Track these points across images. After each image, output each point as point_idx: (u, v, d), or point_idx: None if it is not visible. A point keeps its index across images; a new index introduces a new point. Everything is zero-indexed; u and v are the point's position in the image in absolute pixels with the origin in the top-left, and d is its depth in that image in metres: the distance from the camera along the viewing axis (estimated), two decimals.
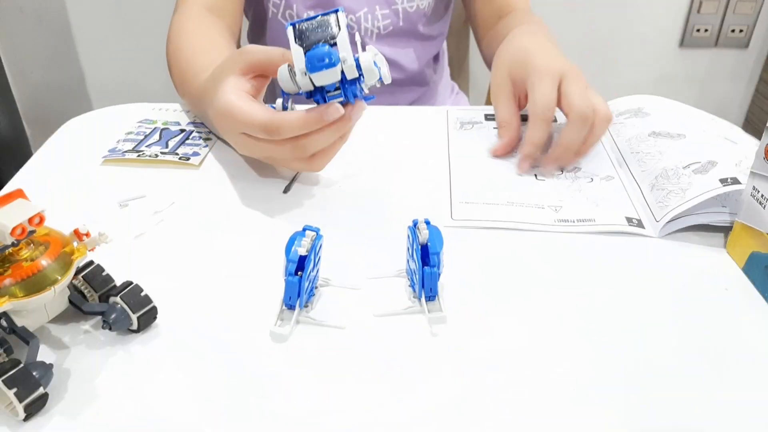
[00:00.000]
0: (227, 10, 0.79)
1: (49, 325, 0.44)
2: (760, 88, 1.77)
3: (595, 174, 0.61)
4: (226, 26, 0.77)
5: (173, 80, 0.73)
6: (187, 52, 0.70)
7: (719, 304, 0.47)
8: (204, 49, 0.70)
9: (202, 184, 0.61)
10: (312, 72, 0.48)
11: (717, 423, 0.38)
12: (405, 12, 0.88)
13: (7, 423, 0.38)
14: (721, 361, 0.42)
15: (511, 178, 0.61)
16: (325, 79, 0.49)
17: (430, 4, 0.89)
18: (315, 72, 0.48)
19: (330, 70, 0.48)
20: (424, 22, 0.91)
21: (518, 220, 0.55)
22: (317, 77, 0.49)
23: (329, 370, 0.41)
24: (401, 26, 0.89)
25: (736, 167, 0.54)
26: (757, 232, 0.48)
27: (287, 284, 0.44)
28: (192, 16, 0.75)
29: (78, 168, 0.63)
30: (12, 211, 0.38)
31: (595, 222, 0.54)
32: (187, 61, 0.69)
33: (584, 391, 0.40)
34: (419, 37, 0.91)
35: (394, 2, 0.87)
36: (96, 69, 1.72)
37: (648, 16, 1.67)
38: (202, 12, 0.76)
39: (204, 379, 0.40)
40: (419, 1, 0.87)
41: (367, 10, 0.86)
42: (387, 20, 0.87)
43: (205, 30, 0.74)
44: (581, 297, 0.47)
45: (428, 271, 0.44)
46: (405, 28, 0.89)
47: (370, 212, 0.57)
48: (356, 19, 0.85)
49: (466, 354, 0.42)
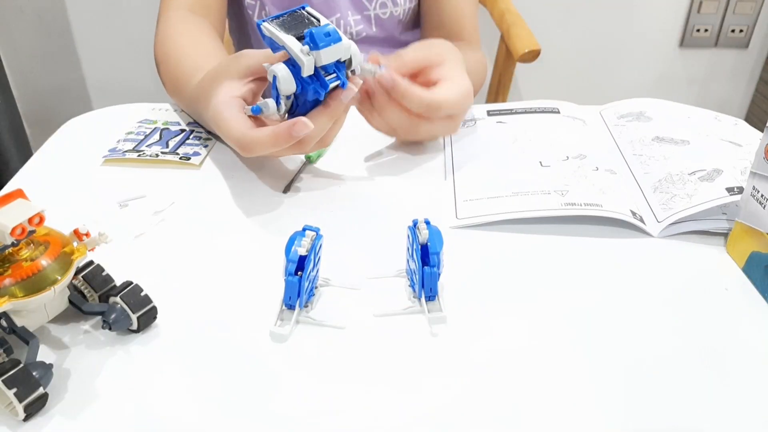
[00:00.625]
0: (212, 8, 0.80)
1: (49, 325, 0.44)
2: (760, 88, 1.77)
3: (600, 165, 0.61)
4: (210, 24, 0.77)
5: (164, 84, 0.73)
6: (176, 56, 0.71)
7: (719, 304, 0.47)
8: (193, 51, 0.71)
9: (202, 184, 0.61)
10: (321, 48, 0.49)
11: (717, 423, 0.38)
12: (378, 18, 0.87)
13: (7, 423, 0.38)
14: (721, 361, 0.42)
15: (514, 170, 0.60)
16: (332, 55, 0.49)
17: (405, 12, 0.88)
18: (324, 47, 0.49)
19: (337, 44, 0.49)
20: (400, 29, 0.90)
21: (525, 208, 0.55)
22: (326, 53, 0.49)
23: (329, 370, 0.41)
24: (375, 32, 0.88)
25: (741, 175, 0.54)
26: (757, 232, 0.48)
27: (287, 284, 0.44)
28: (177, 20, 0.75)
29: (78, 168, 0.63)
30: (12, 211, 0.38)
31: (602, 207, 0.54)
32: (177, 66, 0.70)
33: (584, 391, 0.40)
34: (397, 44, 0.90)
35: (366, 8, 0.86)
36: (96, 69, 1.72)
37: (648, 16, 1.67)
38: (185, 15, 0.76)
39: (204, 379, 0.40)
40: (393, 8, 0.87)
41: (339, 16, 0.86)
42: (360, 26, 0.87)
43: (191, 32, 0.74)
44: (581, 297, 0.47)
45: (428, 271, 0.44)
46: (380, 35, 0.89)
47: (370, 212, 0.57)
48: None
49: (466, 354, 0.42)
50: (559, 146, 0.63)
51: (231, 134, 0.53)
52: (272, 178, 0.61)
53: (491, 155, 0.64)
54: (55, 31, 1.66)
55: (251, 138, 0.52)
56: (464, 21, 0.86)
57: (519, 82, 1.76)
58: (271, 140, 0.51)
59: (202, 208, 0.57)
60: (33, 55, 1.69)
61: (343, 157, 0.65)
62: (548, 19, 1.64)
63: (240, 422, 0.38)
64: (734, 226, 0.51)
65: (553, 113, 0.70)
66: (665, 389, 0.40)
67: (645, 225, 0.54)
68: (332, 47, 0.49)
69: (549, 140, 0.64)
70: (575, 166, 0.60)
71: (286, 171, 0.62)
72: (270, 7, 0.86)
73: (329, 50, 0.49)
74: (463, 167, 0.62)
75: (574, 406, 0.39)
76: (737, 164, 0.56)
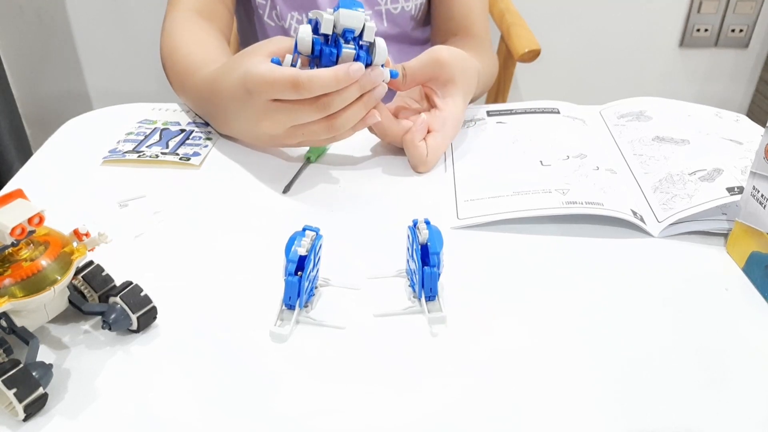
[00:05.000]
0: (217, 12, 0.79)
1: (49, 325, 0.44)
2: (760, 88, 1.77)
3: (600, 164, 0.61)
4: (217, 29, 0.77)
5: (170, 80, 0.73)
6: (184, 50, 0.71)
7: (719, 304, 0.47)
8: (200, 47, 0.71)
9: (202, 183, 0.61)
10: (342, 8, 0.52)
11: (717, 423, 0.38)
12: (389, 13, 0.87)
13: (7, 423, 0.38)
14: (722, 361, 0.42)
15: (514, 169, 0.60)
16: (350, 20, 0.53)
17: (417, 7, 0.88)
18: (345, 8, 0.52)
19: (359, 10, 0.53)
20: (412, 25, 0.90)
21: (526, 207, 0.55)
22: (345, 15, 0.52)
23: (329, 370, 0.41)
24: (386, 28, 0.88)
25: (741, 174, 0.54)
26: (757, 232, 0.48)
27: (287, 284, 0.44)
28: (184, 19, 0.76)
29: (78, 168, 0.63)
30: (12, 211, 0.38)
31: (603, 206, 0.54)
32: (185, 58, 0.70)
33: (584, 391, 0.40)
34: (408, 40, 0.90)
35: (377, 3, 0.86)
36: (96, 69, 1.72)
37: (648, 16, 1.67)
38: (192, 16, 0.76)
39: (204, 379, 0.40)
40: (404, 3, 0.87)
41: None
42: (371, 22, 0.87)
43: (197, 30, 0.74)
44: (581, 297, 0.47)
45: (428, 271, 0.44)
46: (392, 32, 0.89)
47: (370, 212, 0.57)
48: None
49: (466, 354, 0.42)
50: (560, 146, 0.63)
51: (284, 77, 0.53)
52: (272, 178, 0.61)
53: (492, 155, 0.64)
54: (55, 32, 1.66)
55: (309, 74, 0.52)
56: (473, 16, 0.86)
57: (519, 82, 1.76)
58: (331, 76, 0.52)
59: (202, 207, 0.57)
60: (33, 56, 1.69)
61: (343, 157, 0.65)
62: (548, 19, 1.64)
63: (240, 422, 0.38)
64: (734, 226, 0.51)
65: (553, 113, 0.70)
66: (665, 389, 0.40)
67: (645, 225, 0.54)
68: (353, 12, 0.52)
69: (549, 140, 0.64)
70: (576, 166, 0.60)
71: (286, 171, 0.62)
72: (281, 6, 0.86)
73: (349, 14, 0.52)
74: (463, 167, 0.62)
75: (574, 406, 0.39)
76: (738, 163, 0.56)
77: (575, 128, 0.67)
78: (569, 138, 0.65)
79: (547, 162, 0.61)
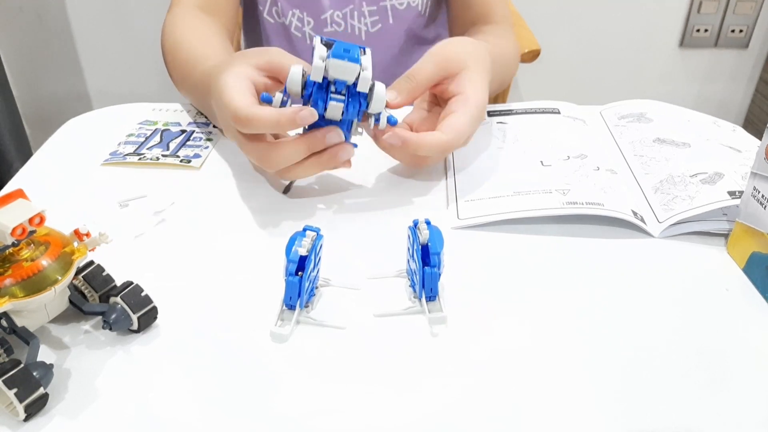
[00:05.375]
0: (221, 8, 0.79)
1: (50, 326, 0.44)
2: (760, 88, 1.77)
3: (601, 164, 0.61)
4: (221, 24, 0.77)
5: (171, 75, 0.73)
6: (186, 44, 0.70)
7: (720, 304, 0.47)
8: (202, 42, 0.70)
9: (202, 184, 0.61)
10: (333, 57, 0.48)
11: (717, 423, 0.38)
12: (394, 10, 0.85)
13: (7, 423, 0.38)
14: (722, 361, 0.42)
15: (515, 170, 0.60)
16: (341, 71, 0.49)
17: (424, 3, 0.87)
18: (336, 58, 0.48)
19: (350, 63, 0.48)
20: (421, 23, 0.89)
21: (526, 207, 0.55)
22: (334, 65, 0.48)
23: (329, 371, 0.41)
24: (392, 25, 0.87)
25: (742, 180, 0.54)
26: (758, 232, 0.48)
27: (287, 284, 0.44)
28: (187, 14, 0.75)
29: (78, 168, 0.63)
30: (12, 211, 0.38)
31: (603, 206, 0.54)
32: (187, 53, 0.69)
33: (584, 391, 0.40)
34: (414, 38, 0.89)
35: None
36: (96, 69, 1.72)
37: (648, 16, 1.67)
38: (195, 11, 0.76)
39: (204, 379, 0.40)
40: None
41: (353, 7, 0.84)
42: (374, 17, 0.85)
43: (199, 25, 0.74)
44: (582, 297, 0.47)
45: (429, 272, 0.44)
46: (398, 29, 0.87)
47: (370, 212, 0.57)
48: (342, 16, 0.84)
49: (466, 354, 0.42)
50: (560, 146, 0.63)
51: (233, 104, 0.50)
52: (273, 179, 0.61)
53: (492, 155, 0.64)
54: (55, 31, 1.66)
55: (253, 112, 0.50)
56: (492, 2, 0.83)
57: (519, 82, 1.76)
58: (274, 118, 0.50)
59: (203, 208, 0.57)
60: (33, 56, 1.69)
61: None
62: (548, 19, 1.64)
63: (240, 422, 0.38)
64: (735, 226, 0.51)
65: (554, 114, 0.70)
66: (666, 389, 0.40)
67: (646, 225, 0.54)
68: (344, 63, 0.48)
69: (550, 140, 0.64)
70: (576, 166, 0.60)
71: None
72: (282, 2, 0.85)
73: (340, 64, 0.48)
74: (464, 167, 0.62)
75: (574, 406, 0.39)
76: (738, 169, 0.56)
77: (576, 128, 0.67)
78: (570, 138, 0.65)
79: (547, 162, 0.61)
